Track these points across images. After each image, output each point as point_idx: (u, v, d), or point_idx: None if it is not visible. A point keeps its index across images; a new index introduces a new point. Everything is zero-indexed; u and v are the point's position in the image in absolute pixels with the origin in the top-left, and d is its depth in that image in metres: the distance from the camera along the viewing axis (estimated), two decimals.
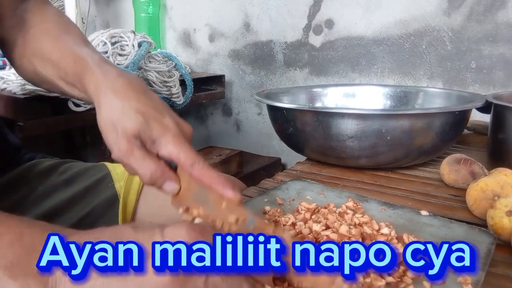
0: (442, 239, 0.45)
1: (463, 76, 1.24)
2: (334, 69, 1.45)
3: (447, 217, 0.55)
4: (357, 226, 0.45)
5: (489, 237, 0.45)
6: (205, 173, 0.40)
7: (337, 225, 0.44)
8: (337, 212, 0.49)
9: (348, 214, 0.48)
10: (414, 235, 0.46)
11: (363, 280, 0.36)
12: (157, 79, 1.27)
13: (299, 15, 1.48)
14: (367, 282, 0.36)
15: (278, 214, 0.50)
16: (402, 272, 0.38)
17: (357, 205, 0.52)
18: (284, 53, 1.54)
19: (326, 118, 0.68)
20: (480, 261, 0.41)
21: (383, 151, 0.68)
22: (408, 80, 1.32)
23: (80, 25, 1.47)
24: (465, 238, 0.45)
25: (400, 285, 0.37)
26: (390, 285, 0.37)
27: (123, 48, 1.24)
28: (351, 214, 0.48)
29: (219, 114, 1.76)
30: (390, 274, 0.37)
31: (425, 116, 0.67)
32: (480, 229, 0.47)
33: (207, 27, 1.69)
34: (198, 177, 0.41)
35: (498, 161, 0.68)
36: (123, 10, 1.88)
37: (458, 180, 0.64)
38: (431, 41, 1.27)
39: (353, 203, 0.52)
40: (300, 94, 0.97)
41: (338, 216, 0.47)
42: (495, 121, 0.72)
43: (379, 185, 0.67)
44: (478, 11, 1.19)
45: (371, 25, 1.35)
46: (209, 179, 0.40)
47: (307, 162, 0.79)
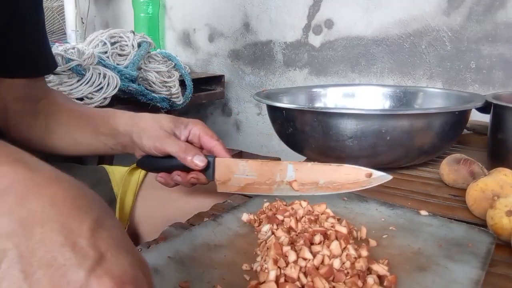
0: (442, 239, 0.45)
1: (462, 76, 1.24)
2: (333, 69, 1.45)
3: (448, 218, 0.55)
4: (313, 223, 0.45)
5: (488, 237, 0.45)
6: (220, 148, 0.56)
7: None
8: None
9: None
10: (414, 235, 0.46)
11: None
12: (156, 79, 1.27)
13: (298, 15, 1.48)
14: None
15: (278, 207, 0.49)
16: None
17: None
18: (283, 53, 1.54)
19: (326, 118, 0.68)
20: (480, 261, 0.40)
21: (383, 151, 0.68)
22: (408, 80, 1.32)
23: (80, 25, 1.46)
24: (465, 237, 0.45)
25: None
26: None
27: (123, 48, 1.24)
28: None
29: (218, 114, 1.76)
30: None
31: (425, 116, 0.67)
32: (480, 229, 0.47)
33: (207, 27, 1.69)
34: (215, 151, 0.56)
35: (497, 161, 0.68)
36: (123, 10, 1.88)
37: (458, 180, 0.64)
38: (431, 41, 1.27)
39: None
40: (300, 94, 0.97)
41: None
42: (495, 121, 0.72)
43: (378, 185, 0.67)
44: (477, 11, 1.19)
45: (370, 25, 1.35)
46: (217, 150, 0.56)
47: (306, 162, 0.79)
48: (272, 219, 0.45)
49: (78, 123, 0.64)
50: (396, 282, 0.37)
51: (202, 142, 0.58)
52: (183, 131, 0.58)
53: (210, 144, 0.57)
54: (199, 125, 0.58)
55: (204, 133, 0.58)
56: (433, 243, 0.44)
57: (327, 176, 0.52)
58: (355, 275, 0.36)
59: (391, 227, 0.48)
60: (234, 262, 0.41)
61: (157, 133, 0.56)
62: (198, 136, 0.58)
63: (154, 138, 0.55)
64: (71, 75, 1.08)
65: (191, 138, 0.58)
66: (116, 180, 0.69)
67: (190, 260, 0.41)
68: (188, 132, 0.58)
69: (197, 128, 0.58)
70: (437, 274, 0.39)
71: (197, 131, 0.58)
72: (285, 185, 0.53)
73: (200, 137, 0.58)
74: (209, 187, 0.72)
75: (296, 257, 0.38)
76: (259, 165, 0.54)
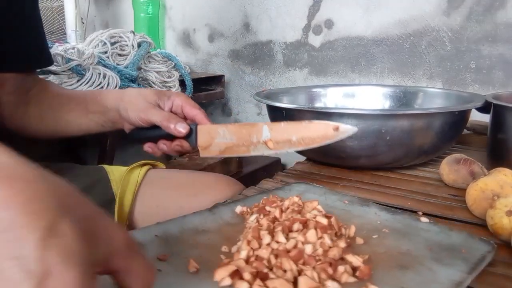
0: (435, 243, 0.44)
1: (462, 76, 1.24)
2: (333, 69, 1.45)
3: (448, 217, 0.55)
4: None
5: (487, 246, 0.43)
6: (201, 117, 0.60)
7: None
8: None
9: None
10: (406, 238, 0.45)
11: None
12: (156, 79, 1.27)
13: (298, 15, 1.48)
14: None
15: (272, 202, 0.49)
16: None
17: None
18: (283, 53, 1.54)
19: (326, 118, 0.68)
20: (469, 266, 0.39)
21: (383, 151, 0.68)
22: (408, 80, 1.32)
23: (80, 25, 1.46)
24: (461, 244, 0.44)
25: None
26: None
27: (123, 48, 1.24)
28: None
29: (218, 114, 1.76)
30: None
31: (425, 116, 0.67)
32: (480, 238, 0.45)
33: (207, 27, 1.69)
34: (196, 119, 0.60)
35: (497, 161, 0.68)
36: (123, 10, 1.88)
37: (457, 180, 0.64)
38: (431, 41, 1.27)
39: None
40: (300, 94, 0.97)
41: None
42: (495, 121, 0.72)
43: (378, 185, 0.67)
44: (477, 11, 1.19)
45: (370, 25, 1.35)
46: (199, 118, 0.60)
47: (306, 162, 0.79)
48: (260, 210, 0.47)
49: (68, 105, 0.67)
50: (370, 275, 0.37)
51: (185, 112, 0.61)
52: (166, 102, 0.61)
53: (192, 113, 0.60)
54: (181, 96, 0.62)
55: (186, 103, 0.61)
56: (424, 247, 0.44)
57: (299, 133, 0.56)
58: (327, 263, 0.37)
59: (384, 229, 0.48)
60: (215, 245, 0.42)
61: (142, 105, 0.59)
62: (181, 107, 0.61)
63: (140, 109, 0.59)
64: (71, 75, 1.08)
65: (175, 109, 0.61)
66: (115, 179, 0.69)
67: (174, 239, 0.43)
68: (171, 103, 0.61)
69: (179, 99, 0.61)
70: (418, 273, 0.39)
71: (180, 101, 0.61)
72: (261, 145, 0.57)
73: (182, 107, 0.61)
74: (209, 187, 0.72)
75: (270, 240, 0.39)
76: (237, 128, 0.58)
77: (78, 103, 0.67)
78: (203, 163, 1.33)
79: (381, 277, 0.38)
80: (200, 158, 1.38)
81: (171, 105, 0.61)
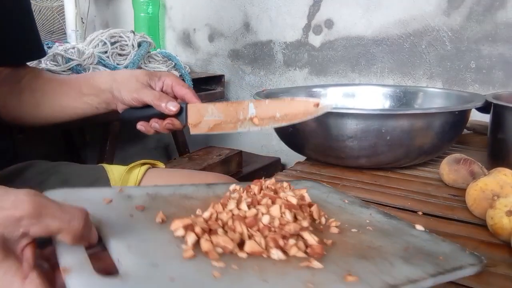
0: (415, 247, 0.41)
1: (462, 76, 1.24)
2: (333, 69, 1.45)
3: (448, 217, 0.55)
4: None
5: (473, 259, 0.39)
6: (190, 95, 0.62)
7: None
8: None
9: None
10: (387, 237, 0.44)
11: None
12: None
13: (298, 15, 1.48)
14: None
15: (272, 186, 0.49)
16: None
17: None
18: (283, 53, 1.54)
19: (326, 118, 0.68)
20: (437, 269, 0.37)
21: (383, 151, 0.68)
22: (408, 80, 1.32)
23: (80, 25, 1.46)
24: (443, 253, 0.40)
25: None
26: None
27: (123, 48, 1.24)
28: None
29: None
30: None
31: (425, 116, 0.67)
32: (471, 252, 0.41)
33: (207, 27, 1.69)
34: (186, 98, 0.62)
35: (497, 161, 0.68)
36: (123, 10, 1.88)
37: (457, 180, 0.64)
38: (431, 41, 1.27)
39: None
40: (300, 94, 0.97)
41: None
42: (495, 121, 0.72)
43: (378, 185, 0.67)
44: (477, 11, 1.19)
45: (370, 25, 1.35)
46: (188, 96, 0.62)
47: (306, 162, 0.79)
48: (246, 189, 0.48)
49: (62, 89, 0.68)
50: (322, 254, 0.37)
51: (175, 91, 0.63)
52: (157, 82, 0.63)
53: (182, 92, 0.63)
54: (171, 76, 0.64)
55: (176, 83, 0.63)
56: (400, 247, 0.41)
57: (282, 110, 0.59)
58: (279, 234, 0.38)
59: (368, 227, 0.46)
60: (193, 208, 0.44)
61: (134, 86, 0.62)
62: (171, 86, 0.63)
63: (132, 90, 0.61)
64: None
65: (165, 88, 0.64)
66: (114, 178, 0.69)
67: (161, 199, 0.46)
68: (162, 83, 0.64)
69: (169, 79, 0.64)
70: (375, 264, 0.37)
71: (170, 81, 0.63)
72: (248, 122, 0.60)
73: (172, 87, 0.63)
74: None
75: (234, 207, 0.42)
76: (225, 106, 0.61)
77: (71, 87, 0.68)
78: (202, 163, 1.33)
79: (332, 259, 0.37)
80: (200, 158, 1.38)
81: (162, 85, 0.64)
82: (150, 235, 0.38)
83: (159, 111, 0.61)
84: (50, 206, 0.30)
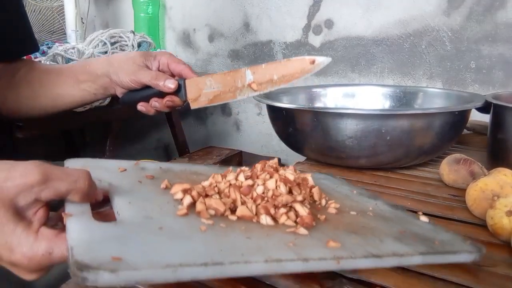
0: (413, 232, 0.41)
1: (462, 76, 1.24)
2: (333, 69, 1.45)
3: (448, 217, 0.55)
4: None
5: (471, 247, 0.39)
6: (187, 71, 0.63)
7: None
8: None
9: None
10: (386, 222, 0.44)
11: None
12: None
13: (298, 15, 1.48)
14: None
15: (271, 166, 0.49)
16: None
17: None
18: (283, 53, 1.54)
19: (326, 118, 0.68)
20: (427, 250, 0.37)
21: (383, 151, 0.68)
22: (408, 80, 1.32)
23: (80, 25, 1.46)
24: (440, 239, 0.40)
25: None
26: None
27: (123, 48, 1.24)
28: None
29: (218, 114, 1.76)
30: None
31: (425, 116, 0.67)
32: (472, 243, 0.41)
33: (207, 27, 1.69)
34: (183, 74, 0.63)
35: (497, 161, 0.68)
36: (123, 10, 1.88)
37: (457, 180, 0.64)
38: (431, 41, 1.27)
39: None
40: (300, 94, 0.97)
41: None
42: (495, 121, 0.72)
43: (378, 185, 0.67)
44: (477, 11, 1.19)
45: (370, 25, 1.35)
46: (185, 72, 0.63)
47: (306, 162, 0.79)
48: (252, 169, 0.49)
49: (58, 79, 0.69)
50: (311, 225, 0.38)
51: (171, 69, 0.64)
52: (153, 62, 0.64)
53: (178, 68, 0.63)
54: (166, 54, 0.65)
55: (172, 60, 0.64)
56: (396, 230, 0.41)
57: (279, 71, 0.60)
58: (271, 203, 0.40)
59: (369, 213, 0.46)
60: (198, 181, 0.46)
61: (131, 68, 0.62)
62: (167, 64, 0.64)
63: (129, 72, 0.62)
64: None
65: (161, 67, 0.65)
66: None
67: (172, 172, 0.49)
68: (158, 62, 0.64)
69: (164, 57, 0.64)
70: (363, 238, 0.37)
71: (165, 59, 0.64)
72: (246, 88, 0.61)
73: (168, 64, 0.64)
74: None
75: (233, 178, 0.44)
76: (222, 76, 0.61)
77: (67, 75, 0.68)
78: (202, 163, 1.33)
79: (321, 230, 0.38)
80: (200, 158, 1.38)
81: (158, 64, 0.64)
82: (151, 196, 0.41)
83: (158, 90, 0.62)
84: (57, 171, 0.33)
